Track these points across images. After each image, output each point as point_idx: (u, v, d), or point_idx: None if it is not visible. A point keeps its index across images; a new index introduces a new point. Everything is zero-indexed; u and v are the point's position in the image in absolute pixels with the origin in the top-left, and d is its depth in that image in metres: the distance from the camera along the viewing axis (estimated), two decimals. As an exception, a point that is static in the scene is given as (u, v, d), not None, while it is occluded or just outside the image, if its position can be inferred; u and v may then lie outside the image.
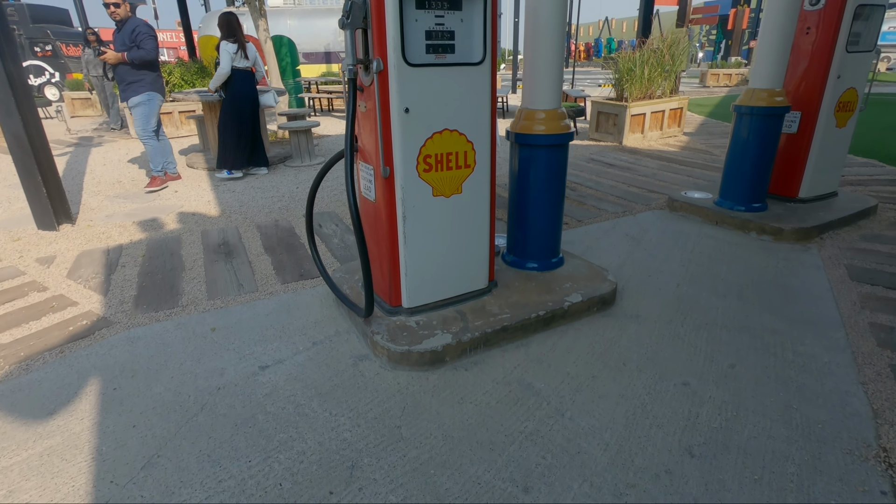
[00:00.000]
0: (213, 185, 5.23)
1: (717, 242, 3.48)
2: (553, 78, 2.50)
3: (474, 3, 2.05)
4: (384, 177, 2.09)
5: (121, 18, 4.48)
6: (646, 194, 4.68)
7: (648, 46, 6.74)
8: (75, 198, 4.79)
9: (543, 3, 2.38)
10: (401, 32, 1.90)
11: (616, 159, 6.09)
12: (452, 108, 2.11)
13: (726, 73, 16.52)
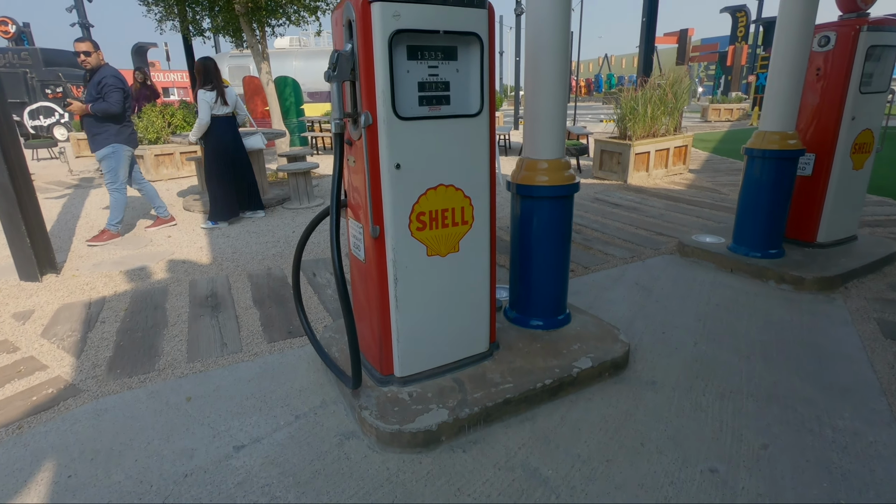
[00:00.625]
0: (208, 229, 5.10)
1: (734, 292, 3.27)
2: (555, 127, 2.36)
3: (470, 52, 1.93)
4: (373, 237, 1.92)
5: (91, 67, 4.32)
6: (654, 237, 4.50)
7: (651, 85, 6.70)
8: (65, 244, 4.66)
9: (544, 51, 2.26)
10: (391, 85, 1.76)
11: (621, 199, 5.94)
12: (448, 162, 1.96)
13: (727, 108, 16.62)
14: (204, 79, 4.80)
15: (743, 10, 19.36)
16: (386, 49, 1.72)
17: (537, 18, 2.24)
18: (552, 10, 2.20)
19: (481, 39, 1.89)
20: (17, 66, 14.38)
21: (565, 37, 2.24)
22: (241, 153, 5.20)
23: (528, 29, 2.30)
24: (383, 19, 1.70)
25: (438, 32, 1.81)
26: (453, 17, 1.82)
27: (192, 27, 7.39)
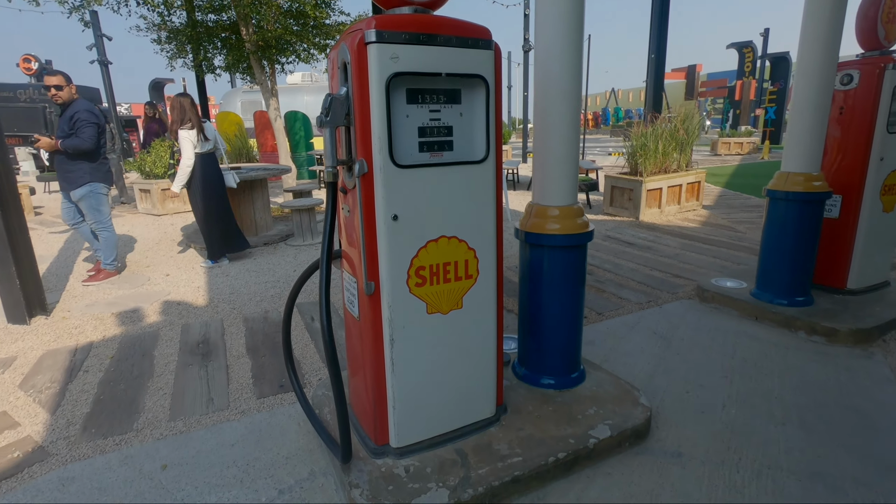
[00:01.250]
0: (209, 266, 4.97)
1: (761, 344, 3.03)
2: (567, 172, 2.21)
3: (475, 95, 1.79)
4: (368, 294, 1.74)
5: (63, 102, 4.08)
6: (671, 279, 4.28)
7: (662, 121, 6.60)
8: (61, 282, 4.54)
9: (554, 93, 2.13)
10: (388, 131, 1.62)
11: (634, 237, 5.75)
12: (450, 212, 1.80)
13: (737, 142, 16.54)
14: (182, 116, 4.58)
15: (749, 46, 19.53)
16: (383, 93, 1.59)
17: (547, 59, 2.11)
18: (563, 50, 2.08)
19: (487, 82, 1.76)
20: (37, 102, 14.72)
21: (577, 78, 2.11)
22: (225, 189, 4.99)
23: (538, 69, 2.17)
24: (380, 62, 1.57)
25: (440, 75, 1.68)
26: (457, 59, 1.69)
27: (204, 64, 7.49)
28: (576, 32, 2.09)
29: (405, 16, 1.64)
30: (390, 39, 1.57)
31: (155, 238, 6.29)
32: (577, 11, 2.06)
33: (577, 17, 2.06)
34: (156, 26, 6.94)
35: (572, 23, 2.06)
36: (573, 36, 2.08)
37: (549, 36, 2.08)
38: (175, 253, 5.52)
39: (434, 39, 1.64)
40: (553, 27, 2.06)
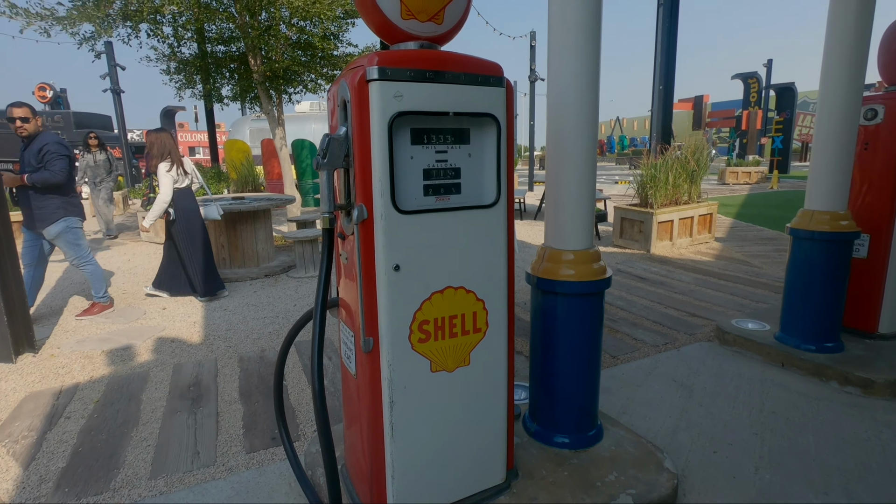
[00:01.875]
0: (206, 301, 4.82)
1: (791, 395, 2.81)
2: (583, 214, 2.06)
3: (485, 135, 1.66)
4: (365, 351, 1.58)
5: (29, 134, 3.84)
6: (687, 318, 4.08)
7: (672, 153, 6.50)
8: (54, 316, 4.40)
9: (569, 129, 2.00)
10: (390, 174, 1.48)
11: (646, 271, 5.56)
12: (458, 261, 1.65)
13: (745, 171, 16.45)
14: (161, 152, 4.47)
15: (754, 77, 19.66)
16: (385, 134, 1.46)
17: (561, 92, 1.99)
18: (579, 85, 1.96)
19: (498, 121, 1.63)
20: (49, 129, 14.97)
21: (593, 113, 1.98)
22: (204, 224, 4.82)
23: (552, 103, 2.05)
24: (383, 101, 1.44)
25: (448, 114, 1.55)
26: (466, 97, 1.57)
27: (213, 94, 7.52)
28: (592, 66, 1.97)
29: (410, 52, 1.52)
30: (394, 77, 1.45)
31: (154, 268, 6.17)
32: (593, 46, 1.95)
33: (593, 53, 1.95)
34: (165, 57, 7.00)
35: (588, 57, 1.94)
36: (589, 69, 1.96)
37: (564, 71, 1.96)
38: (174, 284, 5.37)
39: (441, 77, 1.52)
40: (568, 63, 1.95)
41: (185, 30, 6.69)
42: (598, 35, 1.95)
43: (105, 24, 5.79)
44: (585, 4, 1.91)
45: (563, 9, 1.94)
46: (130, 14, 5.95)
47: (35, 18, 5.59)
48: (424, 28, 1.61)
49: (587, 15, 1.92)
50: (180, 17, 6.25)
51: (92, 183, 8.17)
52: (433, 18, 1.61)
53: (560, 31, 1.96)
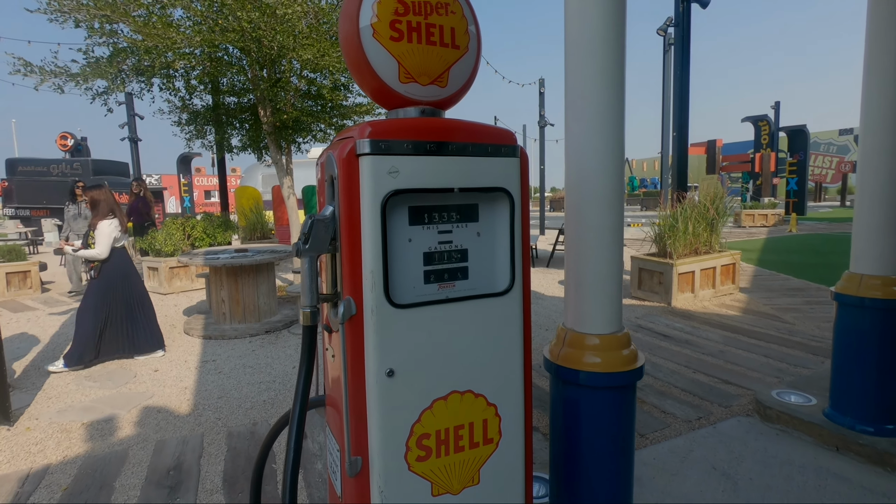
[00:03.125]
0: (201, 359, 4.57)
1: (854, 490, 2.42)
2: (610, 292, 1.80)
3: (496, 211, 1.44)
4: (351, 475, 1.29)
5: None
6: (720, 386, 3.71)
7: (689, 201, 6.26)
8: (40, 378, 4.17)
9: (592, 194, 1.76)
10: (384, 262, 1.25)
11: (669, 328, 5.21)
12: (464, 360, 1.38)
13: (762, 214, 16.13)
14: (107, 209, 4.31)
15: (765, 120, 19.64)
16: (378, 216, 1.24)
17: (582, 160, 1.77)
18: (603, 150, 1.73)
19: (511, 196, 1.41)
20: (68, 176, 15.29)
21: (619, 183, 1.75)
22: (136, 284, 4.59)
23: (570, 171, 1.83)
24: (375, 178, 1.23)
25: (452, 191, 1.33)
26: (474, 170, 1.35)
27: (223, 144, 7.55)
28: (615, 134, 1.76)
29: (408, 121, 1.31)
30: (388, 150, 1.24)
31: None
32: (617, 115, 1.74)
33: (616, 121, 1.74)
34: (178, 108, 7.06)
35: (612, 125, 1.73)
36: (613, 136, 1.75)
37: (585, 138, 1.75)
38: (171, 342, 5.15)
39: (445, 148, 1.30)
40: (590, 132, 1.73)
41: (197, 83, 6.76)
42: (622, 98, 1.75)
43: (118, 79, 5.84)
44: (609, 66, 1.71)
45: (583, 77, 1.74)
46: (143, 69, 6.02)
47: (49, 76, 5.66)
48: (426, 92, 1.42)
49: (610, 80, 1.72)
50: (192, 70, 6.31)
51: (75, 236, 7.24)
52: (436, 81, 1.42)
53: (580, 94, 1.76)
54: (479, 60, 1.53)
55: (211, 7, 5.68)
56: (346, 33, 1.36)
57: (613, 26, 1.69)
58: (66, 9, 5.50)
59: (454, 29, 1.43)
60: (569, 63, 1.79)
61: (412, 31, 1.36)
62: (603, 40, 1.69)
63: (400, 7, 1.34)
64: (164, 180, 29.65)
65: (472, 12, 1.49)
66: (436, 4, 1.39)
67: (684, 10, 7.19)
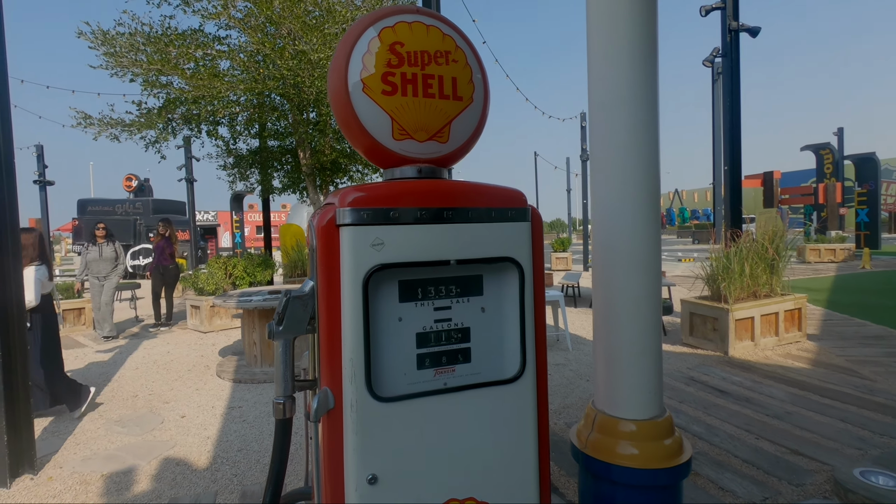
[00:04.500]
0: (228, 405, 4.51)
1: None
2: (647, 368, 1.53)
3: (504, 282, 1.24)
4: None
5: None
6: (789, 458, 3.23)
7: (745, 239, 5.78)
8: (70, 424, 4.20)
9: (623, 256, 1.53)
10: (365, 348, 1.07)
11: (726, 381, 4.71)
12: (466, 462, 1.17)
13: (829, 248, 14.93)
14: (38, 253, 4.18)
15: (827, 148, 18.48)
16: (359, 295, 1.07)
17: (610, 218, 1.55)
18: (634, 207, 1.51)
19: (521, 266, 1.21)
20: (130, 215, 16.36)
21: (656, 246, 1.51)
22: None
23: (598, 228, 1.61)
24: (356, 251, 1.07)
25: (448, 263, 1.15)
26: (475, 238, 1.17)
27: (266, 185, 7.78)
28: (649, 178, 1.53)
29: (395, 185, 1.15)
30: (372, 219, 1.08)
31: (190, 363, 6.03)
32: (650, 161, 1.53)
33: (650, 169, 1.52)
34: (223, 152, 7.37)
35: (645, 173, 1.51)
36: (646, 181, 1.52)
37: (613, 192, 1.54)
38: (202, 384, 5.15)
39: (439, 216, 1.13)
40: (620, 181, 1.52)
41: (242, 128, 7.06)
42: (656, 156, 1.53)
43: (167, 129, 6.17)
44: (639, 125, 1.51)
45: (610, 136, 1.55)
46: (191, 117, 6.32)
47: (106, 127, 6.04)
48: (424, 149, 1.27)
49: (642, 138, 1.51)
50: (236, 117, 6.58)
51: (94, 279, 7.16)
52: (435, 137, 1.27)
53: (605, 156, 1.56)
54: (487, 111, 1.37)
55: (253, 57, 5.93)
56: (334, 88, 1.24)
57: (643, 84, 1.49)
58: (124, 64, 5.89)
59: (456, 79, 1.28)
60: (594, 123, 1.60)
61: (407, 83, 1.22)
62: (631, 100, 1.50)
63: (393, 58, 1.21)
64: (220, 216, 31.28)
65: (478, 59, 1.34)
66: (434, 54, 1.26)
67: (732, 41, 6.87)
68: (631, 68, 1.46)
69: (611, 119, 1.50)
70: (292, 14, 5.69)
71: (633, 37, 1.46)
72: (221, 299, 5.34)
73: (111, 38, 5.60)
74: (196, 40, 6.14)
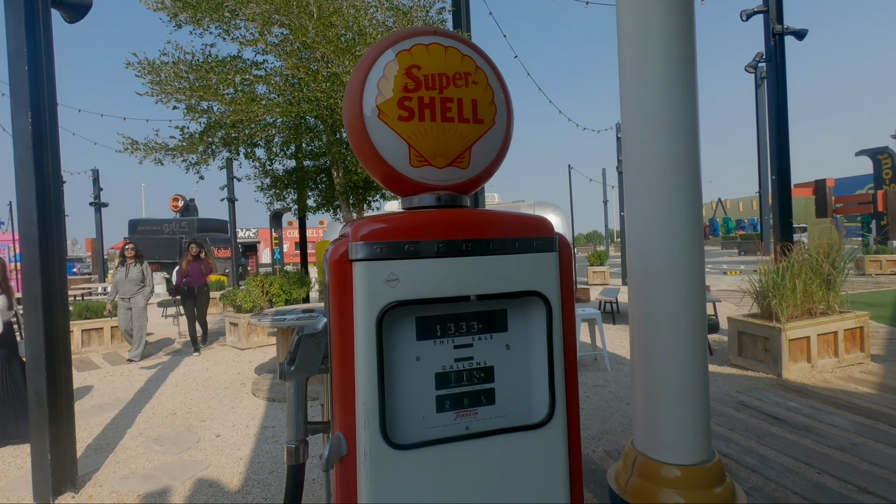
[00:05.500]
0: (262, 424, 4.53)
1: None
2: (693, 402, 1.40)
3: (530, 316, 1.15)
4: None
5: None
6: (856, 495, 2.93)
7: (797, 254, 5.43)
8: (115, 439, 4.32)
9: (661, 287, 1.41)
10: (379, 391, 1.00)
11: (781, 407, 4.38)
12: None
13: (891, 259, 13.94)
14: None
15: (885, 152, 17.37)
16: (372, 334, 1.00)
17: (648, 245, 1.44)
18: (673, 234, 1.39)
19: (549, 301, 1.11)
20: (176, 233, 17.10)
21: (700, 270, 1.38)
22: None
23: (633, 254, 1.50)
24: (369, 288, 1.01)
25: (468, 298, 1.07)
26: (498, 271, 1.09)
27: (298, 205, 7.95)
28: (691, 200, 1.41)
29: (412, 216, 1.09)
30: (387, 254, 1.02)
31: (227, 380, 6.14)
32: (692, 181, 1.41)
33: (692, 190, 1.41)
34: (260, 174, 7.58)
35: (686, 194, 1.40)
36: (688, 205, 1.40)
37: (652, 218, 1.43)
38: (238, 402, 5.22)
39: (458, 248, 1.06)
40: (658, 207, 1.41)
41: (278, 150, 7.25)
42: (697, 174, 1.41)
43: (207, 153, 6.39)
44: (677, 151, 1.40)
45: (646, 161, 1.45)
46: (230, 140, 6.53)
47: (151, 151, 6.31)
48: (444, 175, 1.20)
49: (684, 160, 1.40)
50: (272, 139, 6.76)
51: (121, 300, 7.16)
52: (455, 163, 1.20)
53: (640, 180, 1.45)
54: (511, 133, 1.30)
55: (288, 81, 6.09)
56: (349, 115, 1.19)
57: (680, 98, 1.39)
58: (168, 91, 6.16)
59: (476, 101, 1.21)
60: (627, 145, 1.50)
61: (425, 107, 1.17)
62: (668, 129, 1.39)
63: (410, 82, 1.16)
64: (260, 233, 32.29)
65: (500, 79, 1.28)
66: (453, 76, 1.20)
67: (776, 45, 6.55)
68: (665, 79, 1.35)
69: (646, 143, 1.40)
70: (325, 38, 5.81)
71: (667, 50, 1.36)
72: (257, 318, 5.42)
73: (156, 67, 5.88)
74: (235, 66, 6.37)
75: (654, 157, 1.42)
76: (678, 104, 1.36)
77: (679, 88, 1.36)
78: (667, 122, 1.36)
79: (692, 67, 1.37)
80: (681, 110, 1.36)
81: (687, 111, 1.37)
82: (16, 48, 3.08)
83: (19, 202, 3.23)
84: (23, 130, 3.13)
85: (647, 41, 1.42)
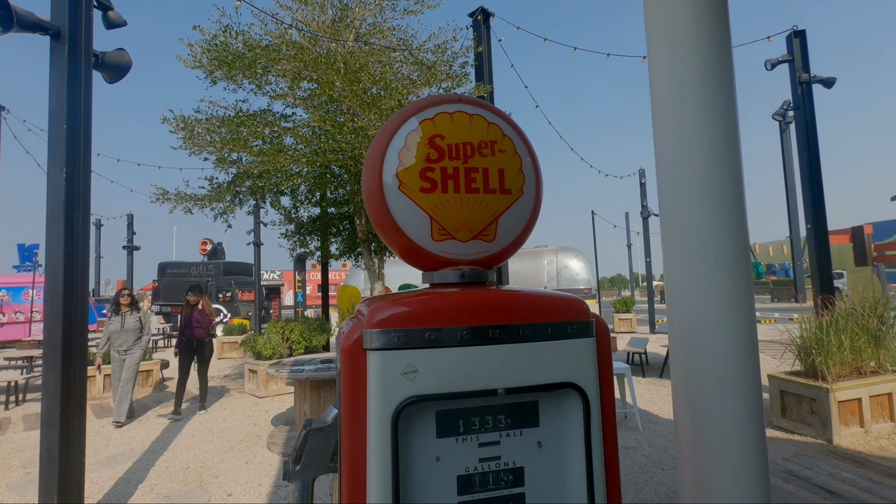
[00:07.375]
0: (275, 482, 4.35)
1: None
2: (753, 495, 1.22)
3: (565, 409, 1.02)
4: None
5: None
6: None
7: (841, 309, 5.12)
8: (123, 498, 4.19)
9: (710, 351, 1.27)
10: (394, 493, 0.88)
11: (834, 478, 3.99)
12: None
13: (939, 310, 13.10)
14: None
15: (923, 197, 16.73)
16: (388, 431, 0.90)
17: (692, 317, 1.31)
18: (720, 305, 1.26)
19: (586, 393, 0.99)
20: (203, 276, 17.44)
21: (753, 351, 1.24)
22: None
23: (675, 325, 1.37)
24: (384, 381, 0.91)
25: (495, 392, 0.96)
26: (527, 359, 0.98)
27: (321, 251, 8.01)
28: (739, 263, 1.29)
29: (433, 299, 1.00)
30: (405, 343, 0.92)
31: (243, 431, 5.99)
32: (740, 243, 1.29)
33: (740, 252, 1.29)
34: (284, 221, 7.71)
35: (734, 261, 1.28)
36: (736, 269, 1.28)
37: (696, 284, 1.30)
38: (252, 457, 5.05)
39: (484, 335, 0.96)
40: (702, 274, 1.29)
41: (303, 198, 7.40)
42: (745, 232, 1.30)
43: (234, 202, 6.56)
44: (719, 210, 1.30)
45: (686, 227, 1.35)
46: (257, 189, 6.69)
47: (181, 201, 6.50)
48: (468, 249, 1.12)
49: (727, 221, 1.30)
50: (298, 188, 6.90)
51: (115, 353, 6.37)
52: (480, 235, 1.12)
53: (680, 248, 1.34)
54: (540, 202, 1.22)
55: (314, 133, 6.26)
56: (368, 186, 1.13)
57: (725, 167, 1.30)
58: (200, 144, 6.40)
59: (503, 171, 1.14)
60: (664, 221, 1.40)
61: (448, 178, 1.10)
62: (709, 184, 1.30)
63: (433, 152, 1.10)
64: (284, 276, 32.72)
65: (528, 146, 1.21)
66: (478, 144, 1.13)
67: (804, 93, 6.48)
68: (710, 153, 1.27)
69: (685, 210, 1.30)
70: (352, 92, 6.00)
71: (707, 117, 1.28)
72: (275, 368, 5.33)
73: (190, 123, 6.14)
74: (265, 119, 6.61)
75: (694, 225, 1.32)
76: (721, 171, 1.27)
77: (721, 161, 1.27)
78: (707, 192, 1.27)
79: (735, 136, 1.28)
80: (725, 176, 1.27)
81: (732, 177, 1.28)
82: (56, 108, 3.21)
83: (48, 254, 3.29)
84: (56, 185, 3.22)
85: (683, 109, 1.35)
